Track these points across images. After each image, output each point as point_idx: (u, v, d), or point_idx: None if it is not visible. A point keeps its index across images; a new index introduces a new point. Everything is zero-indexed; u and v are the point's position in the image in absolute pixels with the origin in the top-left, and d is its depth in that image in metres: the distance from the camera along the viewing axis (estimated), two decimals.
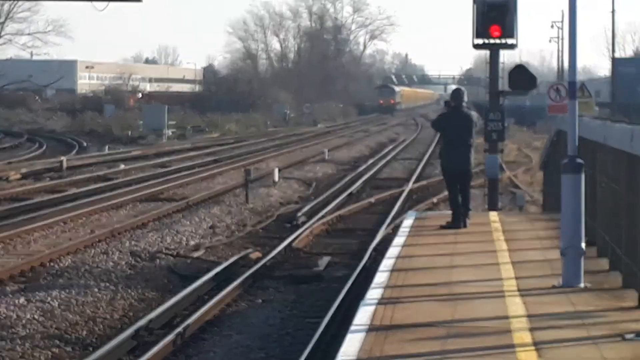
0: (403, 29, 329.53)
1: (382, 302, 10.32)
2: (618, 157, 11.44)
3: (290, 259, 18.50)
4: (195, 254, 18.77)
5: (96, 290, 14.99)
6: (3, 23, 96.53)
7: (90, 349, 12.10)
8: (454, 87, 29.46)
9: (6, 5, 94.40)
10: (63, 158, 38.45)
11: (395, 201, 26.96)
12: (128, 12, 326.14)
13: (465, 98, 16.52)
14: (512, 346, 8.55)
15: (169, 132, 62.51)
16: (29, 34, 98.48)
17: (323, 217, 23.44)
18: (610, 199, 12.29)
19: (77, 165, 38.67)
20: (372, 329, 9.19)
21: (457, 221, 16.04)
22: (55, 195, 27.03)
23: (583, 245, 11.27)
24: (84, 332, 12.83)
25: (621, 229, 11.34)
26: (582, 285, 11.14)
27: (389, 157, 44.80)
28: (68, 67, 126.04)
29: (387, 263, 12.76)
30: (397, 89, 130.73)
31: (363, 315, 9.70)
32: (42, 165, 37.49)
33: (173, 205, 24.95)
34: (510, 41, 21.02)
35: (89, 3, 30.51)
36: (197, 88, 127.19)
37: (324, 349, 11.83)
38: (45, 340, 12.24)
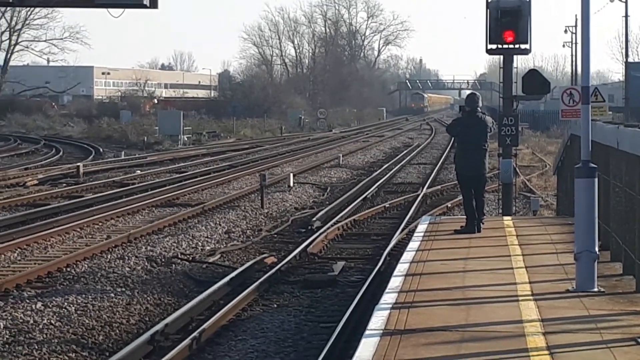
0: (417, 34, 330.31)
1: (396, 306, 10.37)
2: (631, 162, 11.47)
3: (305, 264, 18.56)
4: (211, 259, 18.85)
5: (112, 295, 15.08)
6: (20, 30, 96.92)
7: (107, 353, 12.20)
8: (468, 91, 29.49)
9: (23, 12, 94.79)
10: (80, 164, 38.62)
11: (409, 206, 27.00)
12: (144, 18, 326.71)
13: (480, 103, 16.56)
14: (526, 350, 8.60)
15: (185, 137, 62.65)
16: (45, 41, 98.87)
17: (338, 222, 23.49)
18: (623, 203, 12.31)
19: (93, 170, 38.84)
20: (386, 333, 9.24)
21: (471, 226, 16.07)
22: (72, 201, 27.16)
23: (597, 249, 11.30)
24: (101, 337, 12.92)
25: (634, 233, 11.36)
26: (595, 289, 11.16)
27: (403, 162, 44.81)
28: (84, 74, 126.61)
29: (401, 267, 12.80)
30: (425, 95, 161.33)
31: (377, 320, 9.75)
32: (58, 171, 37.66)
33: (189, 211, 25.05)
34: (523, 46, 21.04)
35: (104, 10, 30.62)
36: (212, 94, 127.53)
37: (338, 354, 11.89)
38: (62, 345, 12.33)
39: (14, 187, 32.08)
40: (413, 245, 14.86)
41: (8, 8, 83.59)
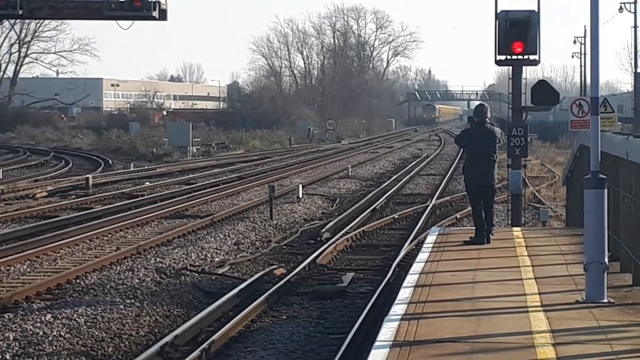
0: (426, 45, 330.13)
1: (405, 317, 10.35)
2: None
3: (314, 275, 18.56)
4: (220, 270, 18.86)
5: (122, 306, 15.09)
6: (29, 42, 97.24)
7: None
8: (477, 102, 29.48)
9: (32, 25, 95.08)
10: (89, 175, 38.68)
11: (418, 217, 26.99)
12: (153, 30, 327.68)
13: (489, 114, 16.56)
14: None
15: (194, 149, 62.75)
16: (55, 53, 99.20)
17: (347, 233, 23.49)
18: (633, 214, 12.29)
19: (102, 182, 38.90)
20: (395, 344, 9.23)
21: (481, 237, 16.06)
22: (81, 213, 27.20)
23: (606, 260, 11.28)
24: (110, 349, 12.93)
25: None
26: (605, 300, 11.13)
27: (412, 173, 44.81)
28: (94, 85, 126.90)
29: (410, 279, 12.79)
30: (437, 106, 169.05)
31: (387, 331, 9.74)
32: (68, 183, 37.71)
33: (198, 222, 25.07)
34: (532, 57, 21.04)
35: (114, 22, 30.72)
36: (221, 105, 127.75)
37: None
38: (71, 357, 12.34)
39: (23, 199, 32.15)
40: (422, 256, 14.84)
41: (17, 20, 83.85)
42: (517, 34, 20.70)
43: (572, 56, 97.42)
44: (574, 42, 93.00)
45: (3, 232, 23.43)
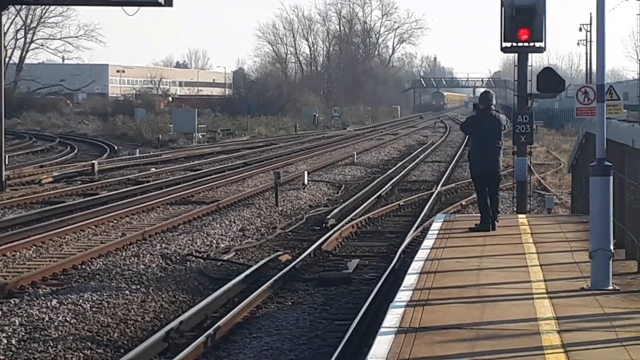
0: (432, 32, 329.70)
1: (411, 304, 10.38)
2: None
3: (319, 262, 18.58)
4: (226, 257, 18.89)
5: (127, 292, 15.13)
6: (35, 28, 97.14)
7: (122, 350, 12.24)
8: (482, 89, 29.46)
9: (38, 10, 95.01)
10: (94, 161, 38.73)
11: (424, 204, 27.00)
12: (158, 16, 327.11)
13: (494, 101, 16.55)
14: (541, 348, 8.59)
15: (199, 135, 62.76)
16: (60, 39, 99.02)
17: (352, 219, 23.51)
18: (638, 201, 12.29)
19: (108, 168, 38.94)
20: (401, 331, 9.25)
21: (486, 224, 16.07)
22: (87, 199, 27.24)
23: (612, 247, 11.29)
24: (116, 334, 12.97)
25: None
26: (610, 287, 11.15)
27: (417, 160, 44.79)
28: (99, 71, 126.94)
29: (415, 265, 12.81)
30: (445, 93, 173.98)
31: (392, 318, 9.76)
32: (73, 169, 37.77)
33: (203, 208, 25.10)
34: (538, 44, 21.00)
35: (119, 7, 30.71)
36: (227, 92, 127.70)
37: (353, 351, 11.91)
38: (77, 342, 12.38)
39: (29, 185, 32.20)
40: (427, 243, 14.86)
41: (23, 6, 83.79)
42: (522, 21, 20.65)
43: (578, 44, 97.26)
44: (580, 29, 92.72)
45: (9, 217, 23.48)
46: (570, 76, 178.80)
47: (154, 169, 38.50)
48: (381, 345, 8.77)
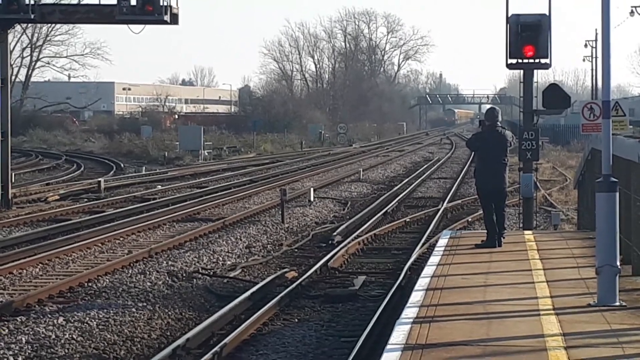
0: (437, 48, 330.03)
1: (417, 321, 10.37)
2: None
3: (326, 278, 18.57)
4: (232, 274, 18.89)
5: (134, 310, 15.13)
6: (41, 46, 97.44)
7: None
8: (488, 106, 29.48)
9: (44, 29, 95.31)
10: (101, 179, 38.78)
11: (430, 220, 26.99)
12: (164, 34, 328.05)
13: (500, 117, 16.55)
14: None
15: (205, 152, 62.83)
16: (66, 57, 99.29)
17: (358, 236, 23.50)
18: None
19: (114, 186, 38.99)
20: (407, 347, 9.24)
21: (492, 240, 16.06)
22: (93, 216, 27.28)
23: (618, 263, 11.27)
24: (122, 352, 12.97)
25: None
26: (617, 303, 11.13)
27: (423, 176, 44.79)
28: (105, 89, 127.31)
29: (422, 282, 12.80)
30: (456, 110, 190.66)
31: (398, 334, 9.75)
32: (80, 187, 37.83)
33: (210, 225, 25.11)
34: (543, 61, 21.02)
35: (125, 26, 30.81)
36: (232, 109, 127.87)
37: None
38: None
39: (35, 203, 32.25)
40: (434, 259, 14.85)
41: (29, 24, 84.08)
42: (528, 38, 20.69)
43: (584, 59, 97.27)
44: (585, 45, 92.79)
45: (15, 235, 23.52)
46: (576, 92, 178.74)
47: (160, 187, 38.54)
48: None
